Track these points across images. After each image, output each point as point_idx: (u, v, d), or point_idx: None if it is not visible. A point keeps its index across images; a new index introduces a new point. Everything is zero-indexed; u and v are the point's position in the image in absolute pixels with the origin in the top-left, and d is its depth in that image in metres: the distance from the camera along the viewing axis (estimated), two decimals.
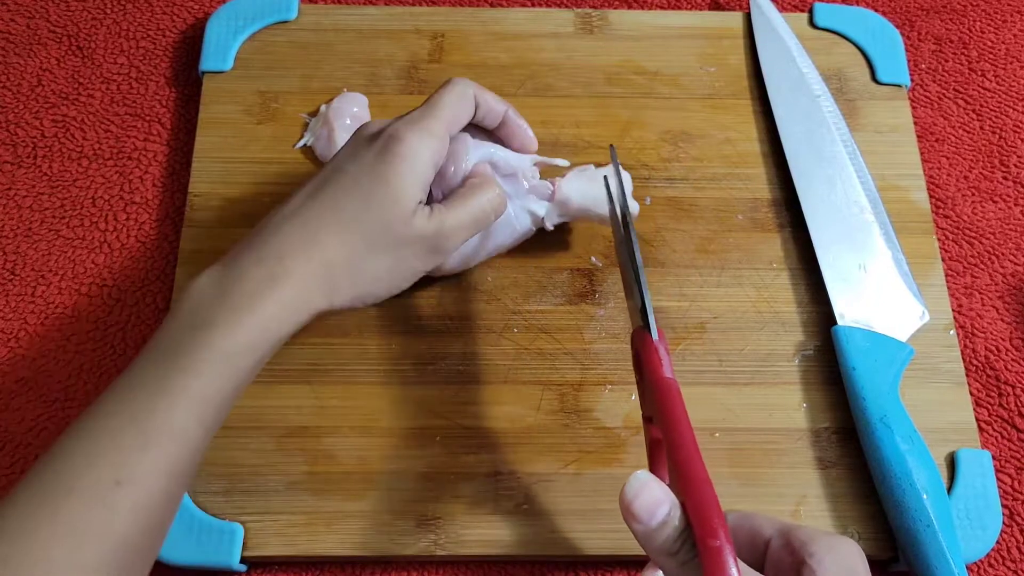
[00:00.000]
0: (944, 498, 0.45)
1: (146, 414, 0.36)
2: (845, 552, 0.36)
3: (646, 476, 0.35)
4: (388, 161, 0.42)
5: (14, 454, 0.49)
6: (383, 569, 0.47)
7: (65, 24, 0.61)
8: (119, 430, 0.35)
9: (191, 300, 0.38)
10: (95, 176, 0.56)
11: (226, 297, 0.38)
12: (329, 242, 0.40)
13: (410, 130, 0.42)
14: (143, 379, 0.37)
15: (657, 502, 0.34)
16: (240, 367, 0.38)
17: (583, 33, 0.60)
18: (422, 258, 0.43)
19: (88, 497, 0.34)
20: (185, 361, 0.36)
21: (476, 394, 0.49)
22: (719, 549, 0.32)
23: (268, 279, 0.39)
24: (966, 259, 0.55)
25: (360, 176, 0.42)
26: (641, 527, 0.34)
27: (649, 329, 0.39)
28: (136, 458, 0.35)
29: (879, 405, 0.47)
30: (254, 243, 0.40)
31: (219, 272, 0.39)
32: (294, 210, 0.41)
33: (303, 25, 0.59)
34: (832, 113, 0.56)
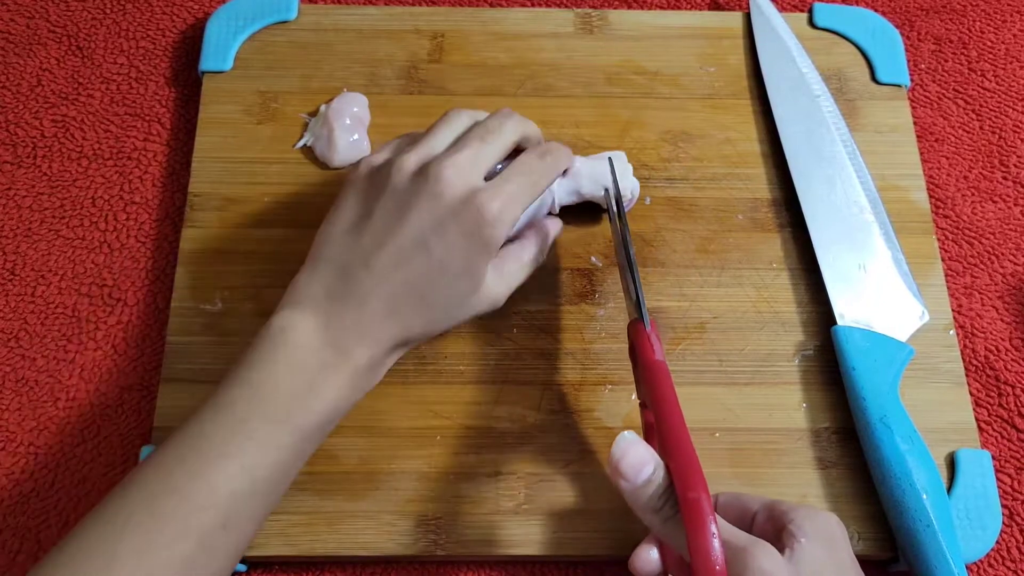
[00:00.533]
0: (944, 498, 0.45)
1: (253, 462, 0.38)
2: (824, 520, 0.39)
3: (632, 436, 0.37)
4: (479, 249, 0.42)
5: (14, 454, 0.49)
6: (383, 569, 0.47)
7: (65, 24, 0.61)
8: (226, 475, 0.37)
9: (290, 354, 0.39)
10: (95, 176, 0.56)
11: (331, 370, 0.40)
12: (414, 323, 0.42)
13: (505, 216, 0.42)
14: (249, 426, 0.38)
15: (643, 461, 0.37)
16: (328, 430, 0.41)
17: (583, 33, 0.60)
18: (484, 308, 0.44)
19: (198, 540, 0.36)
20: (292, 422, 0.39)
21: (476, 394, 0.49)
22: (697, 501, 0.34)
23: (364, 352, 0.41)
24: (966, 259, 0.55)
25: (447, 263, 0.41)
26: (628, 485, 0.37)
27: (643, 319, 0.42)
28: (242, 507, 0.37)
29: (879, 405, 0.47)
30: (344, 308, 0.41)
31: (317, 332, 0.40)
32: (379, 283, 0.41)
33: (303, 25, 0.59)
34: (832, 113, 0.56)
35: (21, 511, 0.48)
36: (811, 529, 0.38)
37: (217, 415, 0.38)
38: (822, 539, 0.38)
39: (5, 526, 0.47)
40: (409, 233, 0.41)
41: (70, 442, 0.49)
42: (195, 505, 0.36)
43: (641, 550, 0.39)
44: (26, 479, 0.49)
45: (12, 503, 0.48)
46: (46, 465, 0.49)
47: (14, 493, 0.48)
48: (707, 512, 0.34)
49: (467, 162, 0.42)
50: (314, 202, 0.54)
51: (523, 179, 0.43)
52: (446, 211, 0.41)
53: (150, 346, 0.52)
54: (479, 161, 0.43)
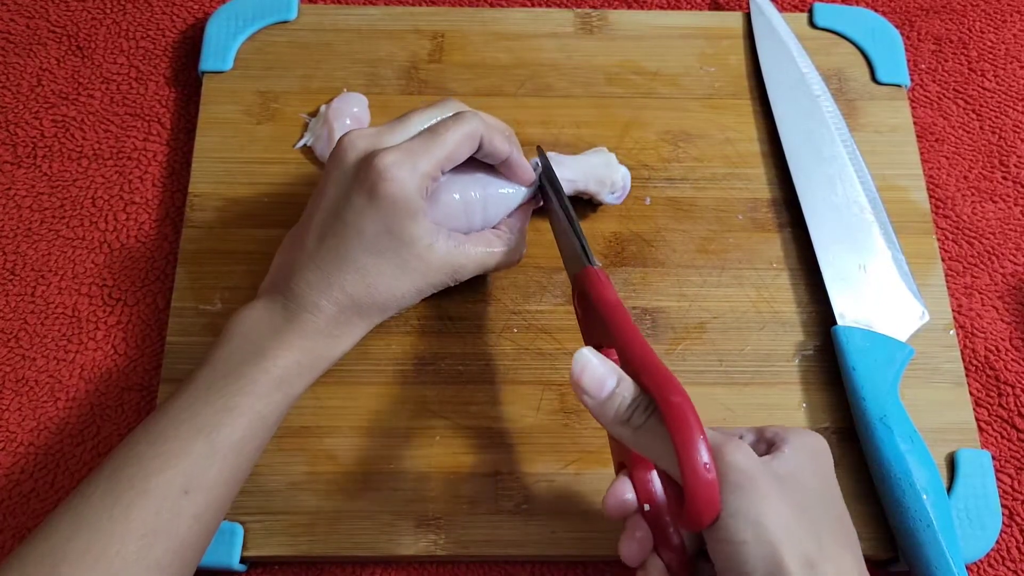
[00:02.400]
0: (944, 498, 0.45)
1: (212, 428, 0.39)
2: (810, 436, 0.39)
3: (589, 352, 0.37)
4: (381, 207, 0.42)
5: (14, 454, 0.49)
6: (383, 569, 0.47)
7: (65, 24, 0.61)
8: (189, 441, 0.39)
9: (242, 331, 0.42)
10: (95, 176, 0.56)
11: (277, 332, 0.42)
12: (355, 291, 0.43)
13: (399, 168, 0.42)
14: (208, 397, 0.40)
15: (603, 375, 0.37)
16: (291, 391, 0.42)
17: (583, 33, 0.60)
18: (440, 278, 0.45)
19: (159, 501, 0.37)
20: (245, 384, 0.40)
21: (476, 394, 0.49)
22: (680, 404, 0.34)
23: (311, 322, 0.42)
24: (966, 259, 0.55)
25: (362, 225, 0.42)
26: (592, 400, 0.37)
27: (591, 262, 0.43)
28: (202, 469, 0.38)
29: (879, 405, 0.47)
30: (289, 287, 0.43)
31: (265, 309, 0.43)
32: (313, 259, 0.43)
33: (303, 25, 0.59)
34: (832, 113, 0.56)
35: (21, 511, 0.48)
36: (796, 441, 0.38)
37: (181, 393, 0.41)
38: (806, 451, 0.38)
39: (5, 526, 0.47)
40: (325, 205, 0.44)
41: (70, 442, 0.49)
42: (152, 469, 0.38)
43: (614, 489, 0.38)
44: (26, 479, 0.49)
45: (12, 503, 0.48)
46: (46, 465, 0.49)
47: (14, 493, 0.48)
48: (692, 413, 0.34)
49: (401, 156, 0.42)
50: None
51: (427, 135, 0.43)
52: (348, 176, 0.43)
53: (150, 346, 0.52)
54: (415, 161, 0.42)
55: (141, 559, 0.36)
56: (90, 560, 0.35)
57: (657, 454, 0.36)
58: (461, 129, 0.44)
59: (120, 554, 0.36)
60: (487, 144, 0.45)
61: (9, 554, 0.37)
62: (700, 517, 0.33)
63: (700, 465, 0.33)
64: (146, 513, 0.37)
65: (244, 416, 0.40)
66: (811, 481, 0.37)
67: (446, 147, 0.43)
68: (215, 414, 0.39)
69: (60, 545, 0.36)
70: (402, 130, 0.44)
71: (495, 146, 0.45)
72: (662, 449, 0.35)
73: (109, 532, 0.36)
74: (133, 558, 0.36)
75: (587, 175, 0.51)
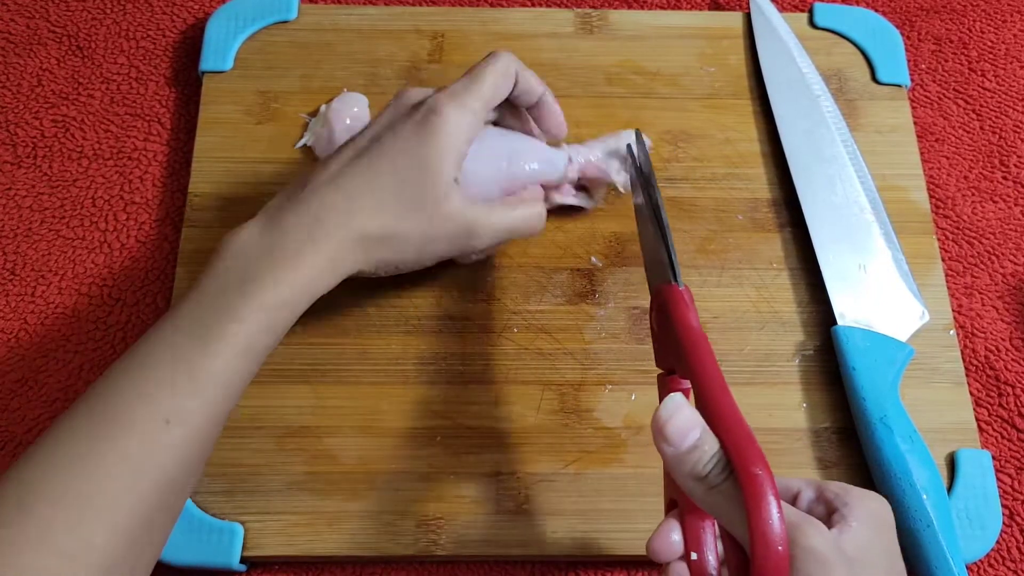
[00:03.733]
0: (944, 498, 0.45)
1: (196, 357, 0.38)
2: (875, 503, 0.37)
3: (681, 399, 0.35)
4: (426, 136, 0.43)
5: (14, 454, 0.49)
6: (383, 569, 0.47)
7: (65, 24, 0.61)
8: (171, 370, 0.37)
9: (235, 253, 0.41)
10: (95, 176, 0.56)
11: (269, 254, 0.40)
12: (365, 210, 0.42)
13: (450, 105, 0.43)
14: (191, 326, 0.39)
15: (690, 425, 0.35)
16: (279, 320, 0.40)
17: (583, 33, 0.60)
18: (449, 241, 0.45)
19: (141, 432, 0.36)
20: (233, 312, 0.39)
21: (476, 394, 0.49)
22: (760, 476, 0.32)
23: (308, 240, 0.41)
24: (966, 259, 0.55)
25: (397, 149, 0.43)
26: (672, 450, 0.35)
27: (676, 280, 0.41)
28: (185, 399, 0.37)
29: (879, 405, 0.47)
30: (294, 203, 0.42)
31: (261, 228, 0.42)
32: (332, 175, 0.43)
33: (303, 25, 0.59)
34: (832, 113, 0.56)
35: None
36: (863, 512, 0.36)
37: (164, 322, 0.39)
38: (873, 522, 0.36)
39: None
40: (367, 133, 0.45)
41: None
42: (132, 400, 0.37)
43: (662, 532, 0.36)
44: None
45: None
46: None
47: None
48: (770, 488, 0.32)
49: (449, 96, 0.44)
50: None
51: (468, 76, 0.45)
52: (402, 110, 0.45)
53: None
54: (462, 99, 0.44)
55: (123, 494, 0.35)
56: (70, 497, 0.34)
57: (728, 518, 0.34)
58: (497, 66, 0.45)
59: (101, 491, 0.35)
60: (522, 81, 0.47)
61: None
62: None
63: (773, 546, 0.32)
64: (127, 447, 0.36)
65: (229, 346, 0.38)
66: (879, 559, 0.36)
67: (486, 83, 0.45)
68: (199, 343, 0.38)
69: (38, 477, 0.35)
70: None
71: (530, 83, 0.47)
72: (735, 515, 0.33)
73: (88, 467, 0.35)
74: (113, 489, 0.35)
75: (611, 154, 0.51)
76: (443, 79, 0.58)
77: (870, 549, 0.36)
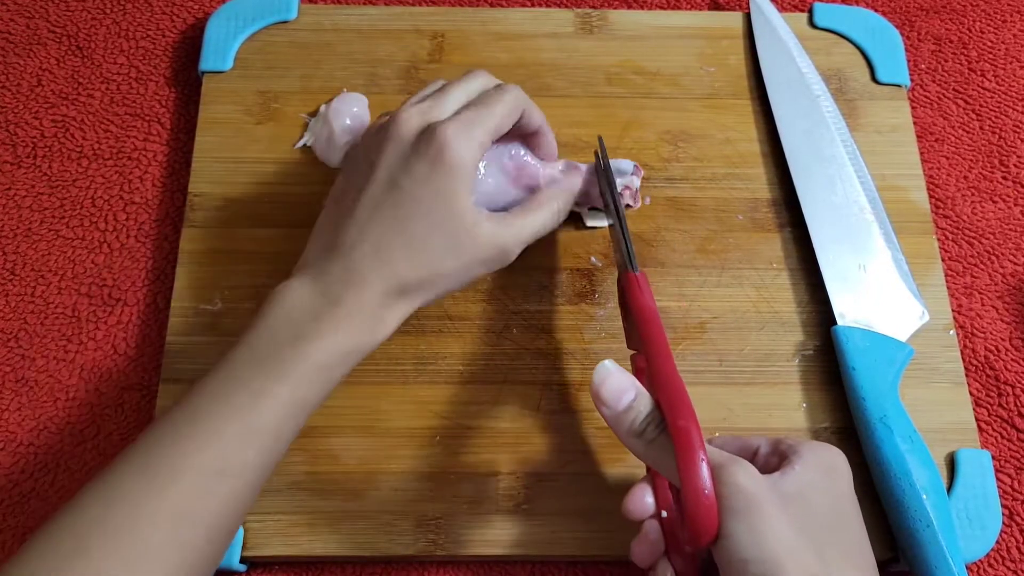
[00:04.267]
0: (944, 498, 0.45)
1: (249, 412, 0.38)
2: (825, 450, 0.39)
3: (611, 365, 0.39)
4: (443, 174, 0.42)
5: (14, 454, 0.49)
6: (383, 569, 0.47)
7: (65, 24, 0.61)
8: (224, 423, 0.38)
9: (283, 312, 0.41)
10: (95, 176, 0.56)
11: (318, 317, 0.41)
12: (401, 264, 0.42)
13: (460, 138, 0.42)
14: (245, 380, 0.39)
15: (623, 387, 0.38)
16: (331, 376, 0.41)
17: (583, 33, 0.60)
18: (486, 263, 0.45)
19: (192, 482, 0.37)
20: (286, 368, 0.39)
21: (476, 394, 0.49)
22: (687, 428, 0.36)
23: (356, 302, 0.41)
24: (966, 259, 0.55)
25: (419, 193, 0.42)
26: (609, 411, 0.38)
27: (632, 267, 0.44)
28: (238, 451, 0.38)
29: (879, 405, 0.47)
30: (331, 261, 0.42)
31: (306, 288, 0.42)
32: (361, 231, 0.42)
33: (303, 25, 0.59)
34: (832, 113, 0.56)
35: (21, 511, 0.48)
36: (810, 457, 0.39)
37: (217, 372, 0.40)
38: (819, 466, 0.38)
39: (5, 526, 0.47)
40: (380, 176, 0.43)
41: (70, 442, 0.49)
42: (187, 449, 0.37)
43: (635, 492, 0.39)
44: (26, 479, 0.49)
45: (12, 503, 0.48)
46: (46, 465, 0.49)
47: (14, 493, 0.48)
48: (696, 437, 0.35)
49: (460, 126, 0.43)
50: (314, 202, 0.53)
51: (479, 106, 0.44)
52: (407, 145, 0.43)
53: (150, 346, 0.52)
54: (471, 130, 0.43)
55: (172, 539, 0.36)
56: (122, 537, 0.35)
57: (667, 469, 0.37)
58: (509, 101, 0.45)
59: (153, 533, 0.35)
60: (526, 115, 0.46)
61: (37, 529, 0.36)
62: (699, 537, 0.35)
63: (699, 488, 0.35)
64: (180, 493, 0.36)
65: (280, 401, 0.39)
66: (821, 498, 0.37)
67: (495, 117, 0.44)
68: (251, 397, 0.39)
69: (92, 520, 0.35)
70: (446, 103, 0.45)
71: (532, 116, 0.47)
72: (670, 465, 0.36)
73: (142, 510, 0.36)
74: (165, 537, 0.36)
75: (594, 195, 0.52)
76: (443, 79, 0.57)
77: (812, 488, 0.38)
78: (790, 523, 0.35)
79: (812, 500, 0.37)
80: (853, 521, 0.38)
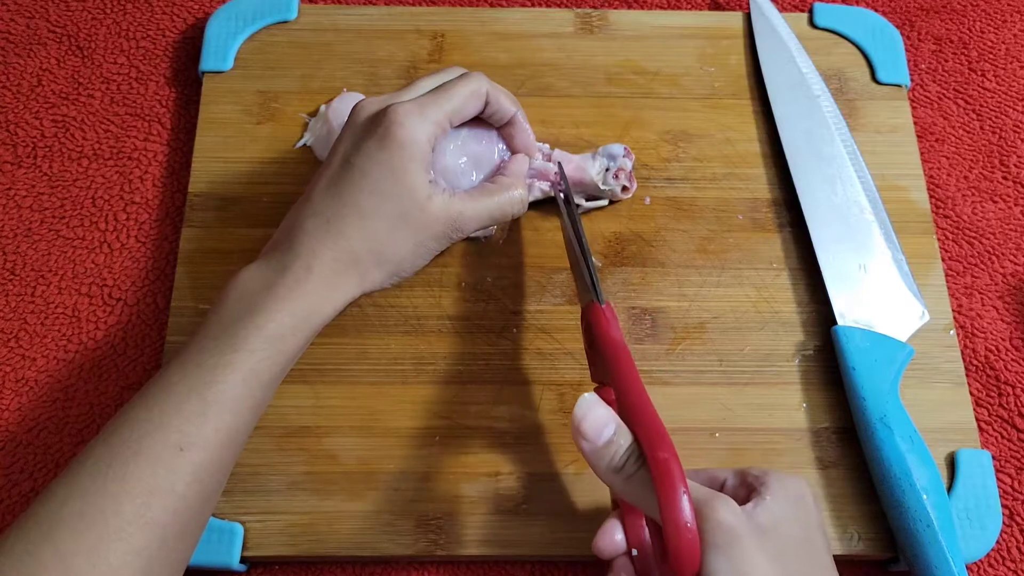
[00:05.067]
0: (944, 498, 0.45)
1: (205, 386, 0.39)
2: (792, 482, 0.40)
3: (593, 398, 0.39)
4: (391, 148, 0.43)
5: (14, 454, 0.49)
6: (383, 569, 0.47)
7: (65, 24, 0.61)
8: (182, 399, 0.39)
9: (237, 291, 0.42)
10: (95, 176, 0.56)
11: (270, 287, 0.41)
12: (352, 235, 0.43)
13: (410, 115, 0.43)
14: (200, 357, 0.40)
15: (603, 422, 0.38)
16: (285, 348, 0.41)
17: (583, 33, 0.60)
18: (439, 239, 0.45)
19: (155, 459, 0.37)
20: (238, 342, 0.40)
21: (476, 394, 0.49)
22: (667, 461, 0.35)
23: (304, 270, 0.42)
24: (966, 259, 0.55)
25: (368, 168, 0.43)
26: (589, 445, 0.38)
27: (598, 299, 0.43)
28: (197, 426, 0.38)
29: (879, 405, 0.47)
30: (287, 240, 0.43)
31: (260, 266, 0.43)
32: (315, 208, 0.44)
33: (303, 25, 0.59)
34: (832, 113, 0.56)
35: (21, 511, 0.48)
36: (779, 489, 0.39)
37: (175, 358, 0.40)
38: (788, 498, 0.39)
39: (5, 526, 0.47)
40: (336, 159, 0.45)
41: (70, 442, 0.49)
42: (146, 429, 0.38)
43: (604, 530, 0.39)
44: (26, 479, 0.49)
45: (12, 503, 0.48)
46: (46, 465, 0.49)
47: (14, 493, 0.48)
48: (677, 471, 0.35)
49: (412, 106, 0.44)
50: None
51: (437, 91, 0.45)
52: (362, 127, 0.44)
53: (150, 346, 0.52)
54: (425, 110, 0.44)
55: (138, 518, 0.36)
56: (86, 522, 0.35)
57: (645, 504, 0.37)
58: (468, 85, 0.46)
59: (116, 514, 0.36)
60: (493, 101, 0.47)
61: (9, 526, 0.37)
62: (681, 573, 0.35)
63: (682, 523, 0.34)
64: (141, 472, 0.37)
65: (237, 372, 0.39)
66: (792, 530, 0.38)
67: (453, 100, 0.45)
68: (207, 372, 0.39)
69: (55, 510, 0.36)
70: (411, 92, 0.46)
71: (501, 104, 0.47)
72: (650, 500, 0.36)
73: (104, 494, 0.36)
74: (130, 517, 0.36)
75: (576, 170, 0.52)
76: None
77: (784, 520, 0.38)
78: (767, 557, 0.35)
79: (784, 532, 0.37)
80: (822, 550, 0.39)
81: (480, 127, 0.49)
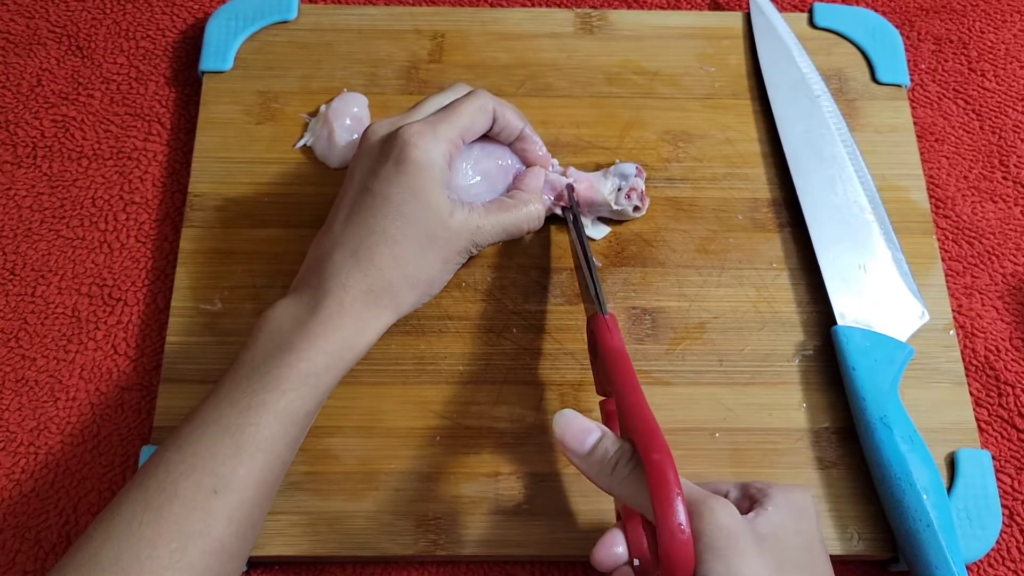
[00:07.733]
0: (944, 498, 0.45)
1: (238, 428, 0.39)
2: (795, 493, 0.40)
3: (569, 412, 0.39)
4: (409, 172, 0.43)
5: (14, 454, 0.49)
6: (383, 569, 0.47)
7: (65, 24, 0.61)
8: (215, 441, 0.38)
9: (268, 329, 0.41)
10: (95, 176, 0.56)
11: (302, 324, 0.41)
12: (383, 264, 0.43)
13: (423, 136, 0.43)
14: (232, 397, 0.40)
15: (585, 430, 0.38)
16: (319, 386, 0.41)
17: (583, 33, 0.60)
18: (462, 253, 0.46)
19: (189, 502, 0.37)
20: (270, 381, 0.40)
21: (476, 394, 0.49)
22: (661, 462, 0.35)
23: (336, 305, 0.42)
24: (966, 259, 0.55)
25: (389, 193, 0.43)
26: (575, 456, 0.38)
27: (601, 310, 0.44)
28: (231, 468, 0.38)
29: (879, 405, 0.47)
30: (315, 275, 0.43)
31: (290, 303, 0.42)
32: (339, 239, 0.43)
33: (303, 25, 0.59)
34: (832, 113, 0.56)
35: (21, 511, 0.48)
36: (781, 499, 0.39)
37: (208, 398, 0.40)
38: (790, 508, 0.39)
39: (5, 526, 0.47)
40: (354, 186, 0.45)
41: (70, 442, 0.49)
42: (180, 472, 0.38)
43: (604, 541, 0.38)
44: (26, 479, 0.49)
45: (12, 503, 0.48)
46: (46, 465, 0.49)
47: (14, 493, 0.48)
48: (671, 472, 0.35)
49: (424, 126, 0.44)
50: (314, 202, 0.54)
51: (445, 110, 0.45)
52: (376, 151, 0.44)
53: (150, 346, 0.52)
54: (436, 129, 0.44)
55: (174, 562, 0.36)
56: (121, 567, 0.35)
57: (642, 505, 0.36)
58: (474, 102, 0.46)
59: (151, 558, 0.36)
60: (500, 118, 0.47)
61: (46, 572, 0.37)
62: (675, 574, 0.34)
63: (675, 525, 0.34)
64: (176, 516, 0.37)
65: (270, 412, 0.39)
66: (793, 540, 0.38)
67: (463, 118, 0.45)
68: (240, 413, 0.39)
69: (91, 555, 0.36)
70: (419, 112, 0.46)
71: (508, 120, 0.47)
72: (645, 501, 0.36)
73: (139, 538, 0.36)
74: (165, 562, 0.36)
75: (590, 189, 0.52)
76: (443, 79, 0.58)
77: (784, 530, 0.38)
78: (765, 564, 0.35)
79: (785, 541, 0.37)
80: (823, 562, 0.39)
81: (491, 144, 0.49)
